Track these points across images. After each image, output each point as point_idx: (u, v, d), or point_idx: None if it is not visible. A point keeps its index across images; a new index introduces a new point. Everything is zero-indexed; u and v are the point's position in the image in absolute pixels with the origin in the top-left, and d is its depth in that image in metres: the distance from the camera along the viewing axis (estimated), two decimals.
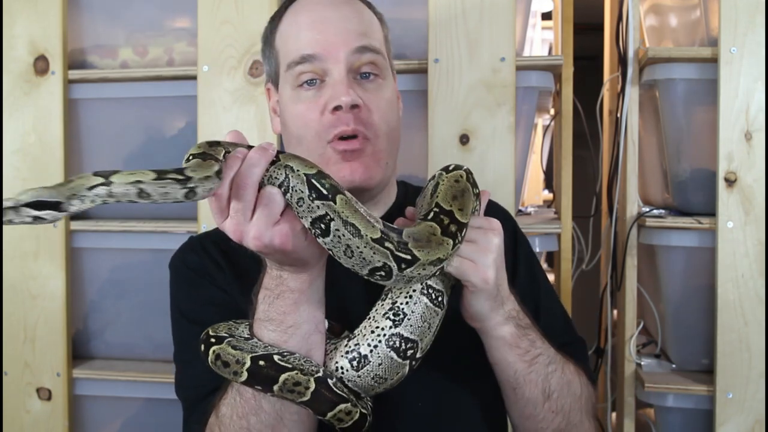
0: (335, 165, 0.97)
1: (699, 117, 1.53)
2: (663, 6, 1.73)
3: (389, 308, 0.84)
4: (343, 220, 0.74)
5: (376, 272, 0.76)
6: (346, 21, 0.99)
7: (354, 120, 0.96)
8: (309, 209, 0.74)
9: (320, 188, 0.74)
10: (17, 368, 1.65)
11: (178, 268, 1.06)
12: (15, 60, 1.63)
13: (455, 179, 0.86)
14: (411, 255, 0.75)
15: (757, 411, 1.45)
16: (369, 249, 0.74)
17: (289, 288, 0.81)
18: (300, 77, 0.99)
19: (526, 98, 1.55)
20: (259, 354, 0.81)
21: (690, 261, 1.55)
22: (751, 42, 1.43)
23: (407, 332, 0.83)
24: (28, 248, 1.64)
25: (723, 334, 1.46)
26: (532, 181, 2.43)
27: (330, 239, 0.75)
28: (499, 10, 1.46)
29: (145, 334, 1.70)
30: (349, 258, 0.75)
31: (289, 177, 0.75)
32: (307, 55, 0.98)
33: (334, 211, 0.74)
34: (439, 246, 0.78)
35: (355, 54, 0.98)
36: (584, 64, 1.98)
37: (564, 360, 0.97)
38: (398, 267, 0.75)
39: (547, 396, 0.93)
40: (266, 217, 0.74)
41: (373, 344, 0.83)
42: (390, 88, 1.03)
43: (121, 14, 1.67)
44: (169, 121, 1.70)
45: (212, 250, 1.04)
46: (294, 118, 1.00)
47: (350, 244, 0.74)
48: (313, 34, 0.98)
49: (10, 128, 1.64)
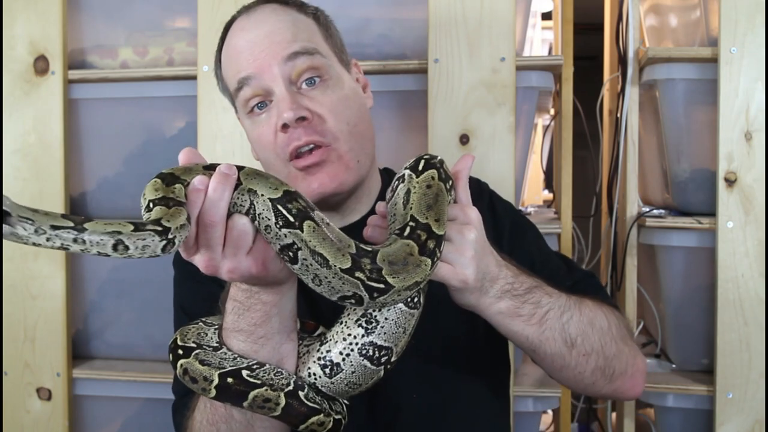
0: (303, 181, 0.96)
1: (699, 117, 1.53)
2: (663, 6, 1.73)
3: (361, 314, 0.80)
4: (310, 250, 0.70)
5: (346, 299, 0.73)
6: (271, 35, 0.98)
7: (305, 133, 0.95)
8: (276, 237, 0.71)
9: (286, 215, 0.70)
10: (17, 368, 1.65)
11: (181, 263, 1.06)
12: (15, 60, 1.63)
13: (427, 184, 0.80)
14: (384, 283, 0.71)
15: (757, 411, 1.45)
16: (338, 279, 0.71)
17: (260, 300, 0.78)
18: (248, 103, 0.99)
19: (526, 98, 1.55)
20: (228, 370, 0.78)
21: (690, 261, 1.55)
22: (751, 42, 1.43)
23: (381, 340, 0.79)
24: (28, 248, 1.64)
25: (723, 334, 1.46)
26: (532, 181, 2.44)
27: (298, 266, 0.72)
28: (499, 10, 1.46)
29: (145, 334, 1.70)
30: (317, 285, 0.72)
31: (254, 203, 0.71)
32: (242, 78, 0.98)
33: (302, 240, 0.70)
34: (417, 268, 0.73)
35: (287, 63, 0.96)
36: (584, 64, 1.98)
37: (579, 302, 0.92)
38: (370, 296, 0.72)
39: (571, 344, 0.90)
40: (238, 249, 0.71)
41: (345, 352, 0.80)
42: (342, 85, 1.01)
43: (121, 14, 1.67)
44: (169, 121, 1.70)
45: None
46: (256, 144, 1.02)
47: (318, 274, 0.71)
48: (245, 56, 0.98)
49: (10, 128, 1.64)
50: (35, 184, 1.63)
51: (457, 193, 0.84)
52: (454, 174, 0.85)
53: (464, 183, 0.85)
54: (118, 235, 0.65)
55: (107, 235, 0.65)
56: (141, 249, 0.66)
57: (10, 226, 0.65)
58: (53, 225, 0.66)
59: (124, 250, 0.65)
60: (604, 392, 0.98)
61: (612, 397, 1.05)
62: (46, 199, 1.63)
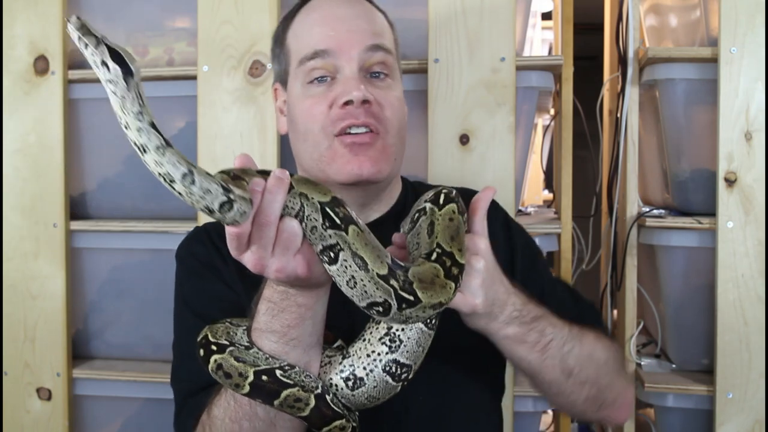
0: (342, 158, 0.97)
1: (699, 117, 1.53)
2: (663, 6, 1.73)
3: (385, 333, 0.84)
4: (352, 252, 0.74)
5: (374, 307, 0.75)
6: (359, 19, 1.00)
7: (364, 114, 0.97)
8: (321, 237, 0.74)
9: (334, 217, 0.74)
10: (17, 368, 1.65)
11: (186, 258, 1.07)
12: (15, 60, 1.63)
13: (449, 217, 0.85)
14: (414, 296, 0.75)
15: (757, 411, 1.45)
16: (372, 284, 0.74)
17: (296, 303, 0.81)
18: (311, 73, 1.00)
19: (526, 98, 1.55)
20: (262, 368, 0.80)
21: (690, 261, 1.55)
22: (751, 42, 1.43)
23: (403, 358, 0.84)
24: (28, 248, 1.64)
25: (723, 334, 1.46)
26: (532, 181, 2.44)
27: (336, 268, 0.75)
28: (499, 10, 1.46)
29: (145, 334, 1.70)
30: (351, 288, 0.75)
31: (305, 206, 0.74)
32: (320, 50, 0.99)
33: (345, 242, 0.74)
34: (442, 289, 0.77)
35: (367, 52, 0.99)
36: (584, 64, 1.98)
37: (580, 334, 0.96)
38: (398, 306, 0.75)
39: (568, 374, 0.94)
40: (288, 250, 0.74)
41: (369, 368, 0.84)
42: (399, 90, 1.05)
43: (121, 14, 1.67)
44: (169, 121, 1.70)
45: (219, 243, 1.04)
46: (302, 113, 1.01)
47: (355, 276, 0.74)
48: (327, 30, 0.99)
49: (10, 128, 1.64)
50: (35, 184, 1.63)
51: (473, 222, 0.88)
52: (474, 203, 0.89)
53: (482, 214, 0.89)
54: (193, 168, 0.67)
55: (185, 162, 0.67)
56: (202, 192, 0.67)
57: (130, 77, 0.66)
58: (152, 122, 0.68)
59: (190, 183, 0.67)
60: (591, 418, 1.06)
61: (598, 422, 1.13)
62: (46, 199, 1.63)
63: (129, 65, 0.67)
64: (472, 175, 1.46)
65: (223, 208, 0.69)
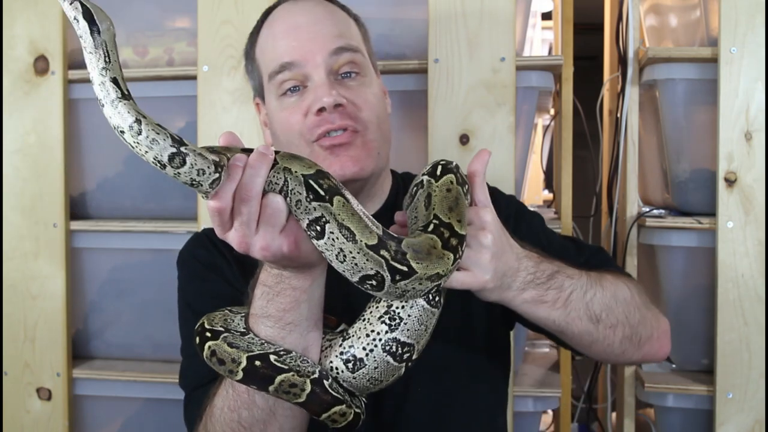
0: (324, 161, 0.97)
1: (699, 117, 1.53)
2: (663, 6, 1.73)
3: (384, 311, 0.81)
4: (338, 223, 0.72)
5: (367, 281, 0.73)
6: (319, 25, 1.00)
7: (339, 117, 0.97)
8: (306, 211, 0.73)
9: (318, 189, 0.72)
10: (17, 368, 1.65)
11: (188, 262, 1.07)
12: (15, 60, 1.63)
13: (447, 188, 0.83)
14: (408, 267, 0.73)
15: (757, 411, 1.45)
16: (362, 255, 0.72)
17: (290, 286, 0.80)
18: (282, 86, 1.01)
19: (526, 98, 1.55)
20: (256, 353, 0.79)
21: (690, 261, 1.55)
22: (751, 42, 1.43)
23: (404, 336, 0.81)
24: (28, 248, 1.64)
25: (723, 334, 1.46)
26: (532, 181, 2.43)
27: (324, 242, 0.73)
28: (499, 10, 1.46)
29: (145, 334, 1.69)
30: (341, 263, 0.73)
31: (288, 180, 0.73)
32: (285, 63, 0.99)
33: (330, 213, 0.72)
34: (439, 260, 0.75)
35: (332, 56, 0.99)
36: (584, 64, 1.98)
37: (599, 278, 0.94)
38: (392, 278, 0.73)
39: (597, 321, 0.92)
40: (272, 227, 0.73)
41: (368, 348, 0.81)
42: (374, 84, 1.05)
43: (121, 14, 1.67)
44: (169, 121, 1.70)
45: (221, 247, 1.04)
46: (280, 125, 1.02)
47: (343, 248, 0.72)
48: (289, 41, 1.00)
49: (10, 128, 1.64)
50: (35, 184, 1.63)
51: (474, 192, 0.86)
52: (471, 173, 0.87)
53: (481, 181, 0.87)
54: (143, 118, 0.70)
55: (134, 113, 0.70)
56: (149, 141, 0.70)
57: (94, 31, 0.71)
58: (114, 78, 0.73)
59: (137, 132, 0.70)
60: (634, 359, 1.01)
61: (642, 361, 1.11)
62: (46, 199, 1.63)
63: (97, 23, 0.70)
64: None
65: (173, 161, 0.68)
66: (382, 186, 1.09)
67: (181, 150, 0.68)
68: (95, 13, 0.69)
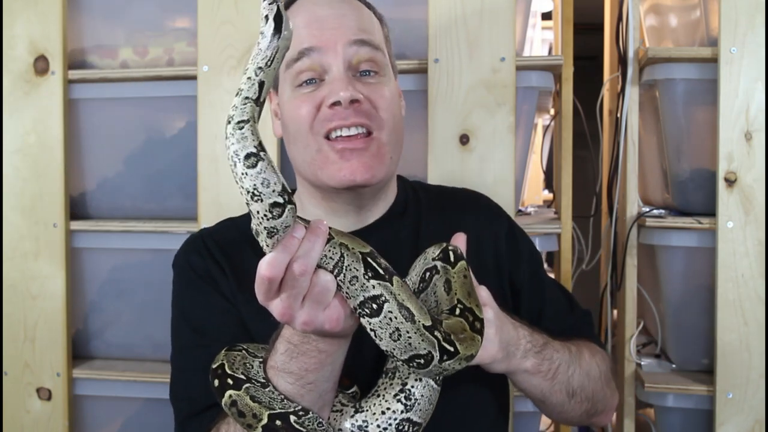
0: (334, 164, 0.95)
1: (699, 117, 1.53)
2: (663, 6, 1.73)
3: (399, 389, 0.83)
4: (398, 303, 0.73)
5: (416, 359, 0.75)
6: (343, 17, 0.99)
7: (354, 114, 0.94)
8: (363, 288, 0.73)
9: (377, 267, 0.73)
10: (17, 368, 1.65)
11: (183, 270, 1.04)
12: (15, 60, 1.63)
13: (463, 275, 0.85)
14: (454, 348, 0.75)
15: (757, 411, 1.45)
16: (418, 335, 0.73)
17: (317, 348, 0.78)
18: (299, 76, 0.98)
19: (526, 98, 1.55)
20: (277, 412, 0.78)
21: (690, 261, 1.55)
22: (751, 42, 1.43)
23: (417, 417, 0.83)
24: (28, 248, 1.64)
25: (723, 334, 1.46)
26: (532, 181, 2.44)
27: (379, 320, 0.73)
28: (499, 10, 1.46)
29: (145, 334, 1.70)
30: (394, 341, 0.74)
31: (344, 255, 0.73)
32: (305, 49, 0.97)
33: (390, 293, 0.73)
34: (472, 342, 0.78)
35: (353, 46, 0.97)
36: (584, 64, 1.98)
37: (578, 353, 1.01)
38: (440, 357, 0.75)
39: (572, 395, 0.98)
40: (317, 303, 0.72)
41: (382, 426, 0.82)
42: (392, 86, 1.02)
43: (121, 14, 1.67)
44: (169, 121, 1.70)
45: (216, 253, 1.02)
46: (291, 115, 0.99)
47: (400, 328, 0.73)
48: (311, 30, 0.98)
49: (10, 128, 1.64)
50: (35, 184, 1.63)
51: None
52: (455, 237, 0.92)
53: None
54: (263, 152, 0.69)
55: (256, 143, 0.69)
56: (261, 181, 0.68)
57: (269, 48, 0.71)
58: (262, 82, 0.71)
59: (251, 166, 0.68)
60: (579, 425, 1.15)
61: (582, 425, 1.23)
62: (46, 199, 1.63)
63: (282, 30, 0.71)
64: (472, 175, 1.46)
65: (273, 210, 0.68)
66: (388, 192, 1.07)
67: (287, 199, 0.69)
68: (284, 21, 0.71)
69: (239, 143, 0.68)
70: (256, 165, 0.67)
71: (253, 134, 0.69)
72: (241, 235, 1.04)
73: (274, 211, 0.68)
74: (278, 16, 0.70)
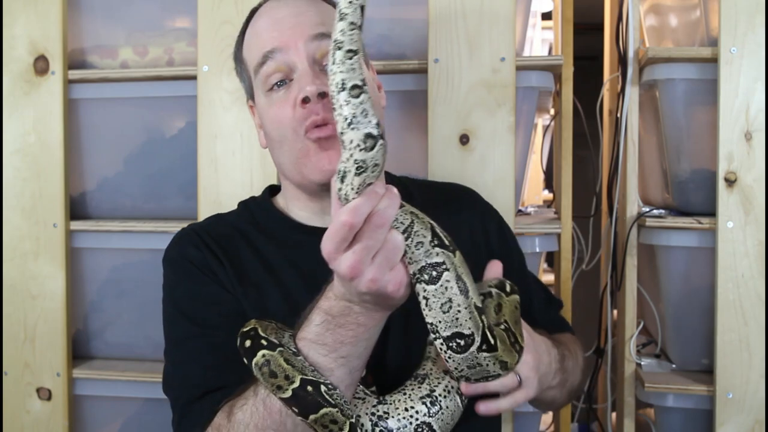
0: (314, 156, 0.96)
1: (699, 117, 1.53)
2: (663, 6, 1.73)
3: (427, 394, 0.83)
4: (457, 274, 0.74)
5: (457, 338, 0.75)
6: (300, 15, 1.00)
7: (323, 109, 0.95)
8: (426, 254, 0.74)
9: (443, 238, 0.75)
10: (17, 368, 1.65)
11: (177, 262, 1.04)
12: (15, 60, 1.63)
13: (515, 305, 0.87)
14: (495, 341, 0.76)
15: (757, 411, 1.45)
16: (467, 312, 0.74)
17: (356, 321, 0.78)
18: (268, 80, 0.99)
19: (526, 98, 1.55)
20: (309, 378, 0.78)
21: (690, 261, 1.55)
22: (751, 42, 1.43)
23: (436, 425, 0.83)
24: (28, 248, 1.64)
25: (723, 334, 1.46)
26: (532, 181, 2.44)
27: (435, 288, 0.74)
28: (499, 10, 1.46)
29: (145, 334, 1.70)
30: (443, 313, 0.75)
31: (414, 222, 0.75)
32: (267, 52, 0.98)
33: (452, 263, 0.74)
34: (510, 353, 0.79)
35: (314, 41, 0.97)
36: (584, 64, 1.98)
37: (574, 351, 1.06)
38: (480, 344, 0.75)
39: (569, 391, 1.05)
40: (387, 262, 0.73)
41: (402, 423, 0.82)
42: None
43: (121, 14, 1.67)
44: (169, 121, 1.70)
45: (212, 245, 1.02)
46: (271, 121, 1.00)
47: (453, 299, 0.74)
48: (271, 33, 0.99)
49: (10, 128, 1.64)
50: (35, 184, 1.63)
51: None
52: None
53: None
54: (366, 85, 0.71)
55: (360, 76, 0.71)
56: (361, 111, 0.70)
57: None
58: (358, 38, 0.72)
59: (355, 96, 0.70)
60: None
61: None
62: (46, 199, 1.63)
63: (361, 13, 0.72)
64: (472, 175, 1.46)
65: (367, 141, 0.70)
66: None
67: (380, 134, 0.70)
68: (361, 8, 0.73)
69: (347, 73, 0.70)
70: (359, 96, 0.70)
71: (361, 67, 0.71)
72: (233, 230, 1.05)
73: (367, 142, 0.70)
74: None
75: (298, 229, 1.05)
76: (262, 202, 1.11)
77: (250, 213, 1.10)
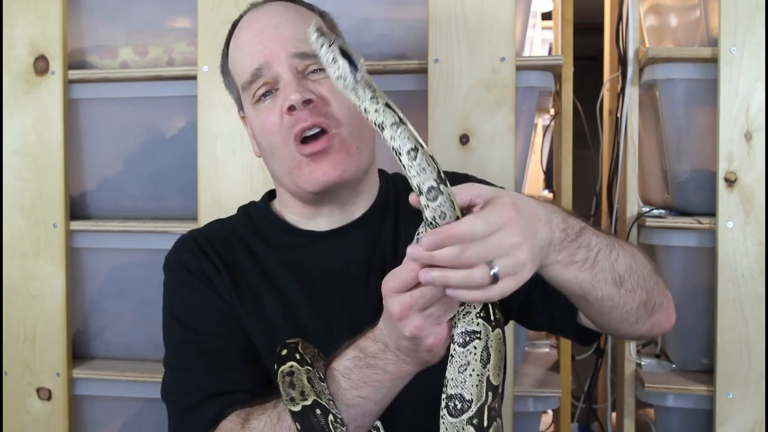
0: (307, 168, 0.97)
1: (699, 117, 1.53)
2: (663, 6, 1.73)
3: None
4: (485, 347, 0.76)
5: (455, 399, 0.76)
6: (279, 26, 1.01)
7: (310, 115, 0.96)
8: (470, 322, 0.76)
9: (491, 313, 0.77)
10: (17, 368, 1.65)
11: (175, 270, 1.04)
12: (15, 60, 1.63)
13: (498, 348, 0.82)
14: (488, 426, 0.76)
15: (757, 411, 1.45)
16: (480, 383, 0.76)
17: (385, 368, 0.80)
18: (256, 94, 1.01)
19: (526, 98, 1.55)
20: (322, 403, 0.80)
21: (690, 261, 1.55)
22: (751, 42, 1.43)
23: None
24: (28, 248, 1.64)
25: (723, 334, 1.46)
26: (532, 181, 2.43)
27: (463, 350, 0.76)
28: (499, 10, 1.46)
29: (145, 334, 1.70)
30: (459, 373, 0.76)
31: None
32: (255, 70, 0.99)
33: (486, 336, 0.76)
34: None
35: (295, 59, 0.99)
36: (584, 64, 1.98)
37: (617, 238, 0.93)
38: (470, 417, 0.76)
39: (620, 283, 0.88)
40: (437, 317, 0.74)
41: None
42: None
43: (121, 14, 1.67)
44: (169, 121, 1.70)
45: (210, 252, 1.03)
46: (261, 131, 1.02)
47: (471, 363, 0.76)
48: (254, 46, 1.00)
49: (10, 128, 1.64)
50: (35, 184, 1.63)
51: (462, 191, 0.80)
52: None
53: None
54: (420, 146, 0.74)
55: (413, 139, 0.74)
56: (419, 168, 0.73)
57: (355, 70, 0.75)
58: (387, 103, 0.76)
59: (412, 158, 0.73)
60: (644, 330, 0.99)
61: (649, 334, 1.05)
62: (46, 199, 1.63)
63: (355, 62, 0.75)
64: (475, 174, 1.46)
65: (430, 193, 0.72)
66: (369, 183, 1.07)
67: (440, 188, 0.72)
68: (351, 53, 0.75)
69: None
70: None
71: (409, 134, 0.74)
72: (232, 234, 1.06)
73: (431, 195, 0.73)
74: (344, 53, 0.74)
75: (293, 232, 1.06)
76: (262, 207, 1.12)
77: (250, 218, 1.10)
